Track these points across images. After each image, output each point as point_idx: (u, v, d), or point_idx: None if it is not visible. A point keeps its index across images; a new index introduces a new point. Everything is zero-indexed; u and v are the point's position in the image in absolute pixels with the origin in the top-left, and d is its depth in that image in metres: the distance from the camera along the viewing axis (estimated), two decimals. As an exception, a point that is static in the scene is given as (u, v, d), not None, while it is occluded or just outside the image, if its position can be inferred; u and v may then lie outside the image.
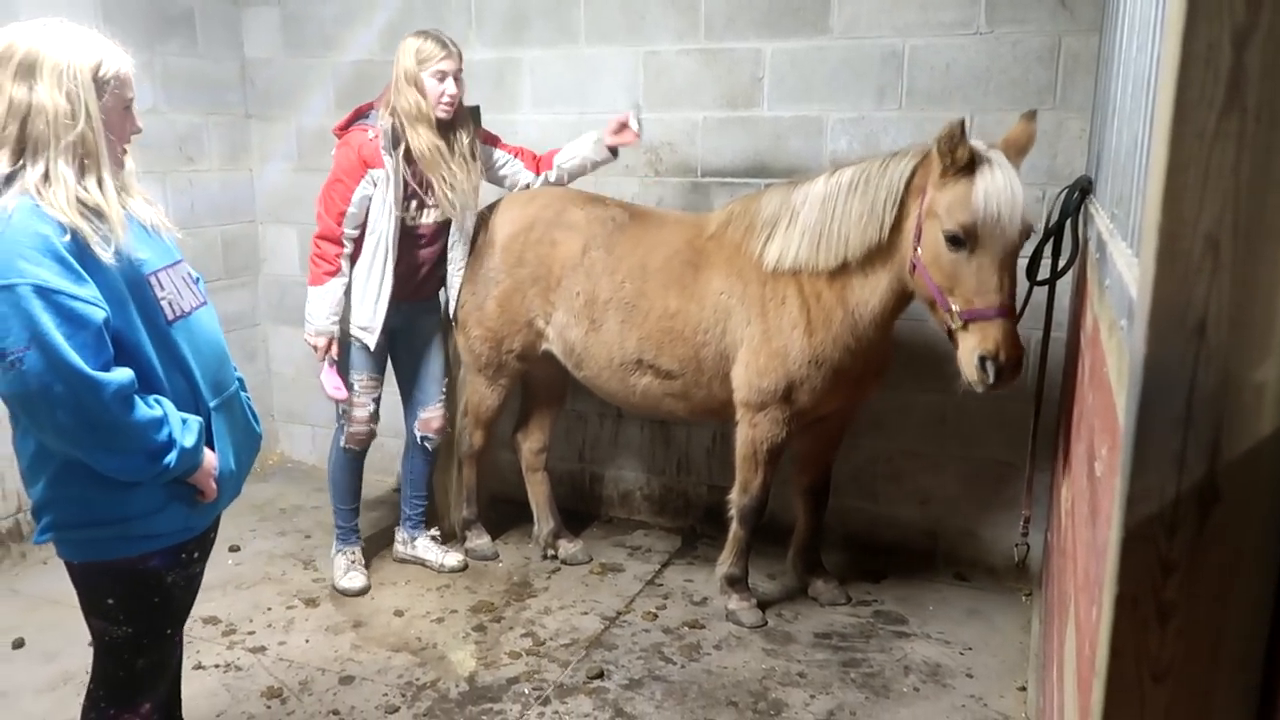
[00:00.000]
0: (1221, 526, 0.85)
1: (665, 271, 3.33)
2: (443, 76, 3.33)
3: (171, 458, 1.81)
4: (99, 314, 1.73)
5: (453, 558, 3.84)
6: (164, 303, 1.89)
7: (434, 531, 3.93)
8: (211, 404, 1.97)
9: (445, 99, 3.34)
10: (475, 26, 4.16)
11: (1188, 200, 0.81)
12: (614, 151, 3.61)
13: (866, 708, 2.96)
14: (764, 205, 3.20)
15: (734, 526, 3.43)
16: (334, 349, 3.46)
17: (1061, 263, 2.85)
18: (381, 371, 3.63)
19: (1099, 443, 1.49)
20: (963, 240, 2.67)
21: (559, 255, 3.48)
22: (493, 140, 3.65)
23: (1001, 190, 2.61)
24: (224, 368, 2.05)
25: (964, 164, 2.66)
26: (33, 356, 1.66)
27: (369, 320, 3.46)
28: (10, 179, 1.76)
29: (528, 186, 3.69)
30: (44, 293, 1.67)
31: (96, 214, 1.79)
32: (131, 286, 1.82)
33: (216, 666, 3.16)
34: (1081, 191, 2.75)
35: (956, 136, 2.64)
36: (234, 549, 3.99)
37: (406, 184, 3.41)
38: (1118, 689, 0.91)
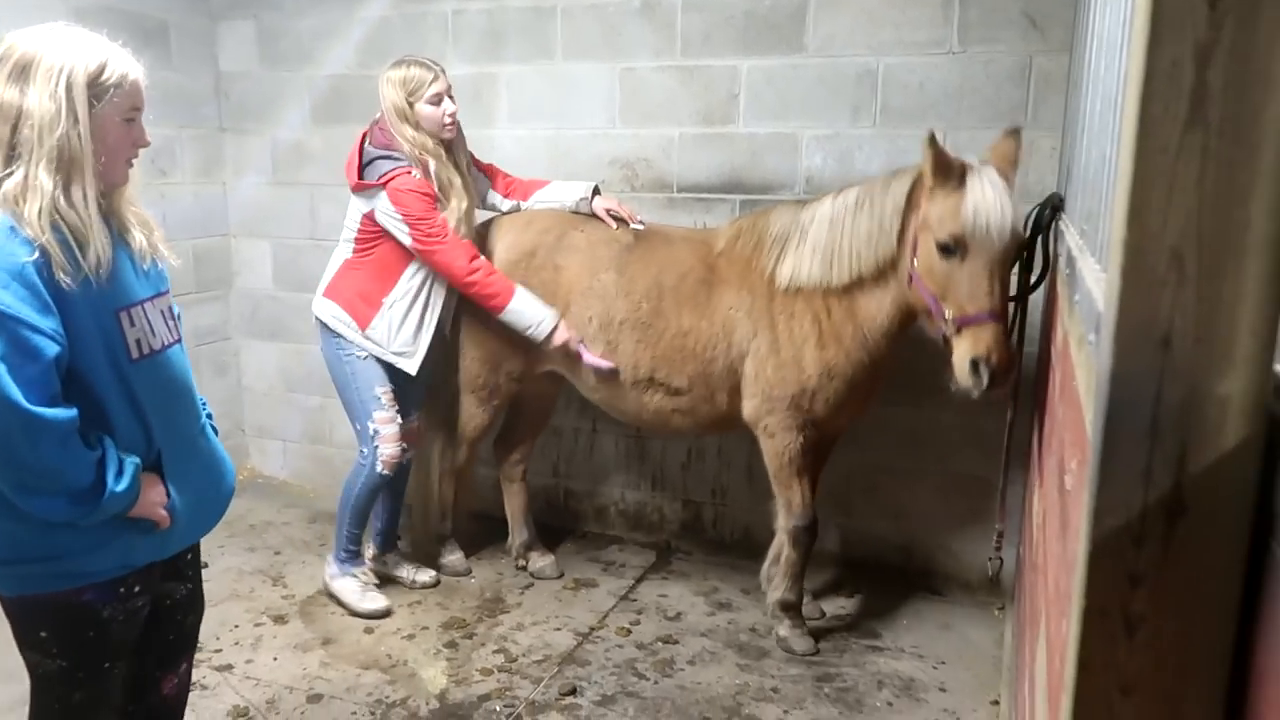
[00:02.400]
0: (1188, 539, 0.85)
1: (680, 290, 3.33)
2: (438, 99, 3.29)
3: (98, 502, 1.72)
4: (53, 349, 1.65)
5: (425, 574, 3.80)
6: (131, 340, 1.80)
7: (404, 547, 3.89)
8: (164, 446, 1.88)
9: (447, 120, 3.31)
10: (452, 43, 4.16)
11: (1153, 215, 0.82)
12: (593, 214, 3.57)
13: (841, 724, 2.95)
14: (772, 222, 3.23)
15: (785, 550, 3.35)
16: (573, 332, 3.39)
17: (1033, 279, 2.89)
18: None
19: (1069, 456, 1.49)
20: (953, 249, 2.73)
21: (564, 280, 3.45)
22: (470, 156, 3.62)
23: (990, 202, 2.68)
24: (187, 410, 1.97)
25: (953, 177, 2.73)
26: None
27: (409, 345, 3.41)
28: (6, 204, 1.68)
29: (494, 207, 3.67)
30: (2, 319, 1.60)
31: (73, 231, 1.69)
32: (98, 321, 1.74)
33: (183, 685, 3.11)
34: (1053, 209, 2.79)
35: (925, 148, 2.72)
36: (202, 565, 3.93)
37: None
38: (1086, 702, 0.91)
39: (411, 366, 3.45)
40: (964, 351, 2.75)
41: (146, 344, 1.84)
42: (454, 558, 3.93)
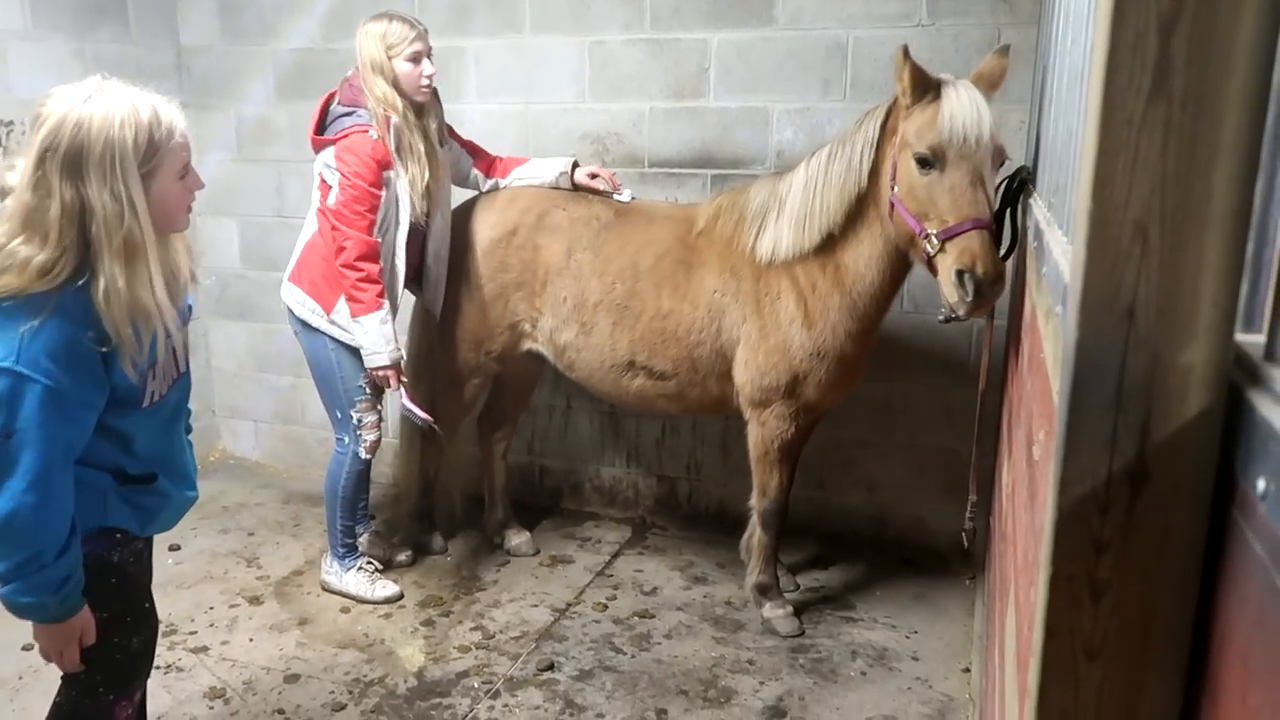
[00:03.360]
0: (1151, 506, 0.86)
1: (657, 271, 3.27)
2: (418, 58, 3.20)
3: (48, 582, 1.75)
4: (93, 424, 1.75)
5: (400, 553, 3.80)
6: (148, 393, 1.86)
7: (377, 526, 3.88)
8: (140, 471, 1.94)
9: (424, 82, 3.23)
10: (418, 14, 4.09)
11: (1117, 186, 0.83)
12: (574, 186, 3.51)
13: (815, 692, 2.99)
14: (752, 197, 3.16)
15: (757, 533, 3.35)
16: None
17: (1001, 252, 2.90)
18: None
19: (1037, 427, 1.51)
20: (932, 161, 2.65)
21: (543, 260, 3.40)
22: (450, 130, 3.55)
23: (966, 109, 2.60)
24: (171, 433, 2.02)
25: (929, 90, 2.67)
26: (13, 444, 1.66)
27: None
28: (81, 289, 1.70)
29: (475, 185, 3.62)
30: (62, 400, 1.67)
31: (144, 322, 1.74)
32: (129, 382, 1.80)
33: (157, 668, 3.06)
34: (1020, 182, 2.80)
35: (900, 62, 2.66)
36: (174, 548, 3.90)
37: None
38: (1053, 666, 0.92)
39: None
40: (948, 265, 2.61)
41: (158, 393, 1.90)
42: (430, 536, 3.93)
